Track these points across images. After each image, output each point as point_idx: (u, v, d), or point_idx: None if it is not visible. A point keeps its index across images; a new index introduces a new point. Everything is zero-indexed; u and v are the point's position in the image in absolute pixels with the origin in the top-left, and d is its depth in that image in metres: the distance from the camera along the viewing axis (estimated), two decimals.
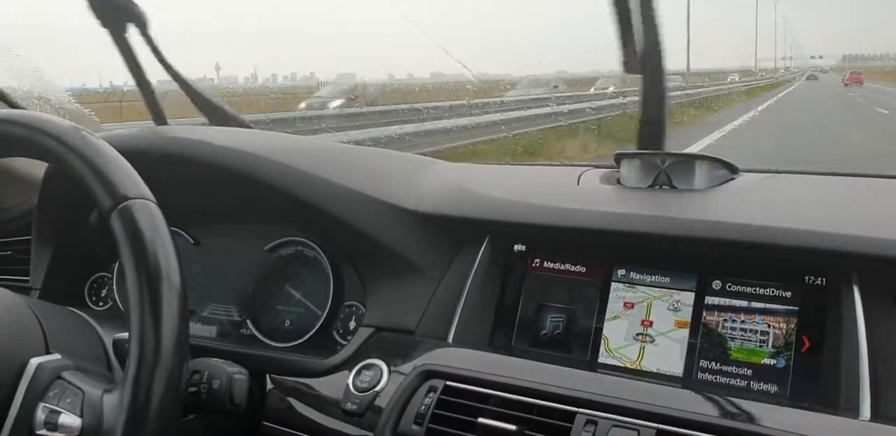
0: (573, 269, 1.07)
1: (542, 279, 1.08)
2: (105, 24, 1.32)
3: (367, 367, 1.03)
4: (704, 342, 0.97)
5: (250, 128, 1.43)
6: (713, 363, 0.96)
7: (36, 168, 1.36)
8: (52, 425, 0.80)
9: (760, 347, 0.95)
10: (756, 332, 0.95)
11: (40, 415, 0.80)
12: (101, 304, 1.38)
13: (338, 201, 1.13)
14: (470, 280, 1.08)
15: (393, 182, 1.20)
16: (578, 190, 1.18)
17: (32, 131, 0.88)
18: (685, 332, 0.98)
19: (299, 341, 1.20)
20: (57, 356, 0.86)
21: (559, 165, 1.43)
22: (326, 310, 1.19)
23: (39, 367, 0.83)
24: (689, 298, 0.99)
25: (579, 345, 1.03)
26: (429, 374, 0.98)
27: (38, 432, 0.80)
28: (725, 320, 0.97)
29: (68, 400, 0.81)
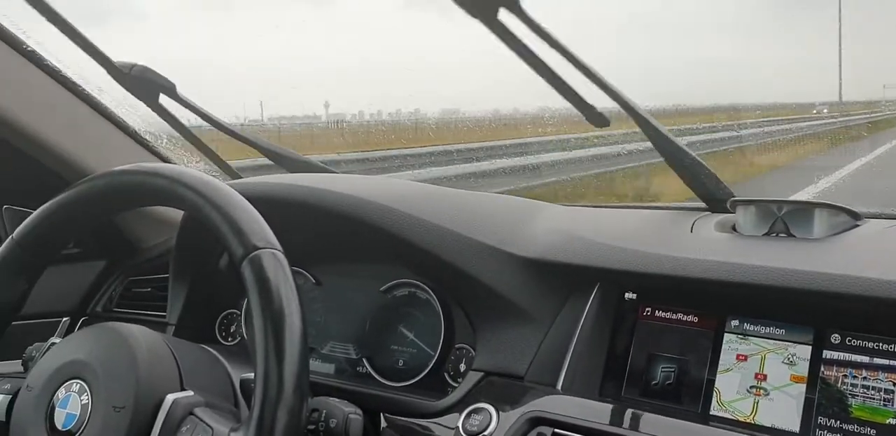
0: (685, 318, 1.06)
1: (654, 328, 1.07)
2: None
3: (476, 411, 1.05)
4: (822, 398, 0.94)
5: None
6: (833, 421, 0.93)
7: (175, 211, 1.47)
8: None
9: (885, 406, 0.91)
10: (879, 390, 0.92)
11: None
12: (229, 339, 1.46)
13: (449, 247, 1.16)
14: (580, 327, 1.09)
15: (502, 227, 1.23)
16: (692, 237, 1.16)
17: (174, 183, 0.97)
18: (802, 387, 0.96)
19: (412, 380, 1.24)
20: (190, 393, 0.93)
21: (673, 209, 1.41)
22: (438, 351, 1.23)
23: (175, 403, 0.90)
24: (805, 351, 0.97)
25: (690, 397, 1.02)
26: (538, 420, 0.99)
27: None
28: (845, 376, 0.94)
29: None
